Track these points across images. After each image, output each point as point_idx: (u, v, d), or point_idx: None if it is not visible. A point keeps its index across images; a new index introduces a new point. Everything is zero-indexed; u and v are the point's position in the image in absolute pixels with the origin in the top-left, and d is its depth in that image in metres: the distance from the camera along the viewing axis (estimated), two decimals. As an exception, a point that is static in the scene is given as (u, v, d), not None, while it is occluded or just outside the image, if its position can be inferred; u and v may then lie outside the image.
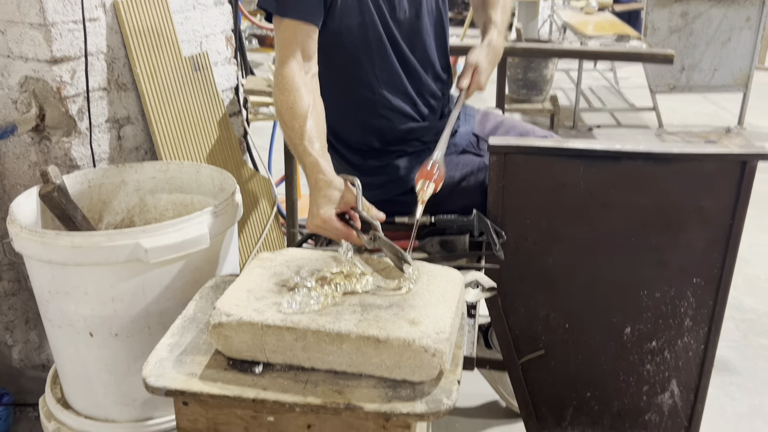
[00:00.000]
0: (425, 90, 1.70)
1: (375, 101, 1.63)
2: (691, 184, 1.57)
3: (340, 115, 1.66)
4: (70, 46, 1.73)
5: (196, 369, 1.04)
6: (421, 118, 1.69)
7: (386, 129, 1.66)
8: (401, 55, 1.63)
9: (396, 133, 1.67)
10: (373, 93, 1.62)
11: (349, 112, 1.66)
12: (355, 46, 1.57)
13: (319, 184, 1.33)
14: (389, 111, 1.64)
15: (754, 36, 4.44)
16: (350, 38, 1.55)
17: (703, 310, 1.68)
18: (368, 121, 1.65)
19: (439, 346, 0.98)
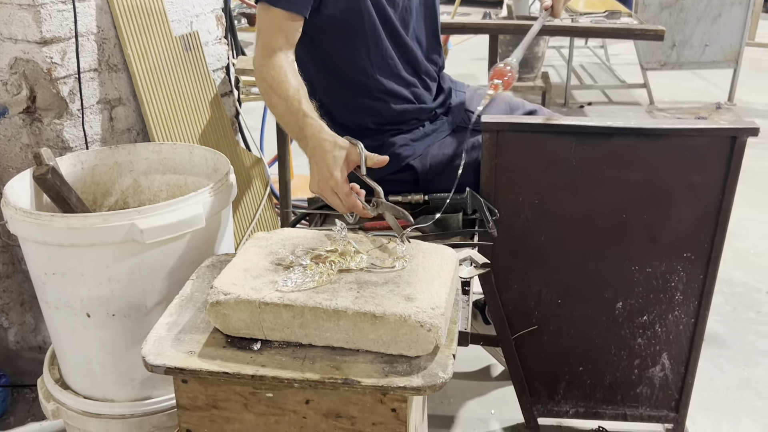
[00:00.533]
0: (420, 70, 1.70)
1: (369, 85, 1.63)
2: (682, 159, 1.59)
3: (335, 97, 1.66)
4: (59, 27, 1.72)
5: (194, 347, 1.05)
6: (416, 99, 1.70)
7: (382, 110, 1.66)
8: (397, 37, 1.63)
9: (391, 114, 1.68)
10: (368, 77, 1.62)
11: (344, 95, 1.66)
12: (350, 32, 1.57)
13: (325, 146, 1.31)
14: (384, 94, 1.65)
15: (744, 12, 4.44)
16: (345, 24, 1.55)
17: (694, 285, 1.71)
18: (364, 103, 1.65)
19: (435, 321, 1.00)
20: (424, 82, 1.72)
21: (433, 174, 1.72)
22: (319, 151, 1.32)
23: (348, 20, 1.55)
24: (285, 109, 1.41)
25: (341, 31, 1.56)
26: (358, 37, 1.58)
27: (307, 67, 1.63)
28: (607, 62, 5.70)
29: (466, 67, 5.70)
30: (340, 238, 1.18)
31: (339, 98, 1.67)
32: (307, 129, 1.36)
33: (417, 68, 1.69)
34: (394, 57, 1.64)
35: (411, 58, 1.67)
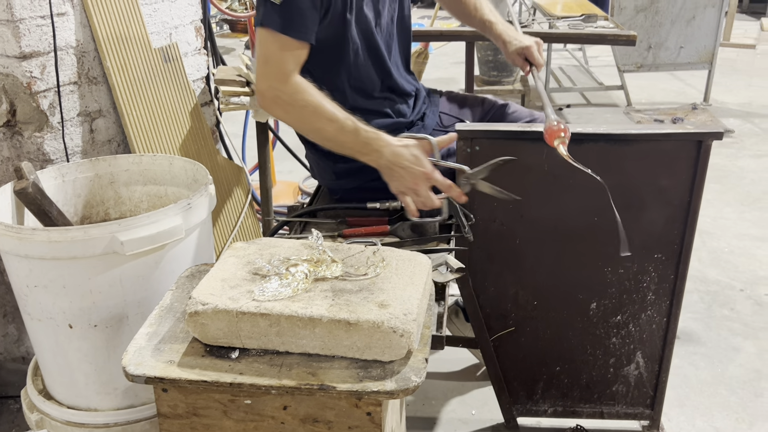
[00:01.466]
0: (398, 89, 1.74)
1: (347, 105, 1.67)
2: (650, 164, 1.63)
3: None
4: (38, 42, 1.74)
5: (174, 356, 1.08)
6: (395, 114, 1.74)
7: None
8: (379, 60, 1.67)
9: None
10: (346, 98, 1.66)
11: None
12: (332, 56, 1.61)
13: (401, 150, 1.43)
14: (362, 112, 1.69)
15: (717, 13, 4.52)
16: (330, 48, 1.59)
17: (665, 285, 1.75)
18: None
19: (407, 326, 1.03)
20: (403, 99, 1.77)
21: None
22: (399, 156, 1.42)
23: (332, 46, 1.59)
24: (338, 130, 1.46)
25: (325, 54, 1.60)
26: (341, 62, 1.62)
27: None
28: (585, 65, 5.77)
29: (447, 71, 5.76)
30: (317, 246, 1.21)
31: None
32: (374, 143, 1.44)
33: (395, 88, 1.74)
34: (375, 79, 1.68)
35: (391, 80, 1.72)
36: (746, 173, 3.67)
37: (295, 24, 1.46)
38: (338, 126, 1.45)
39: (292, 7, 1.44)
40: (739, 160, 3.83)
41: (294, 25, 1.46)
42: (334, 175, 1.76)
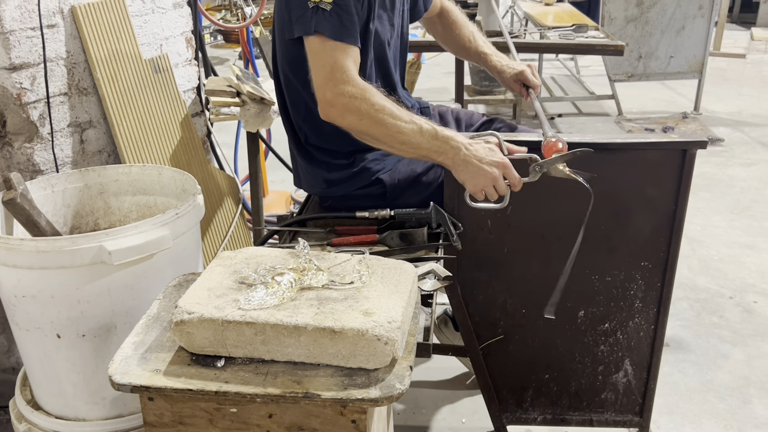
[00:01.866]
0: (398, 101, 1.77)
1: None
2: (636, 172, 1.65)
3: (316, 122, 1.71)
4: (28, 53, 1.75)
5: (160, 365, 1.08)
6: None
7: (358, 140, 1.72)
8: (387, 73, 1.70)
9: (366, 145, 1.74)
10: None
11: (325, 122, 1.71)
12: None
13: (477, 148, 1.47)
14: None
15: (706, 24, 4.57)
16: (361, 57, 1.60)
17: (652, 292, 1.77)
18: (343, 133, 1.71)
19: (391, 334, 1.04)
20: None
21: (400, 189, 1.77)
22: (475, 153, 1.46)
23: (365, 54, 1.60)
24: (418, 131, 1.46)
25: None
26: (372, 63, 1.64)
27: (299, 91, 1.67)
28: (577, 74, 5.81)
29: (440, 80, 5.79)
30: (303, 255, 1.22)
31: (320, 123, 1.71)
32: (452, 141, 1.46)
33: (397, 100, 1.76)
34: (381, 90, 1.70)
35: (395, 94, 1.75)
36: (736, 182, 3.70)
37: (349, 29, 1.46)
38: (417, 127, 1.46)
39: (342, 13, 1.44)
40: (729, 169, 3.86)
41: (348, 30, 1.46)
42: (325, 183, 1.77)
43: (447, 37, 2.02)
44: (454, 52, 2.09)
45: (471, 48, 1.98)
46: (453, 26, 1.99)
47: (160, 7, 2.15)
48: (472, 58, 2.01)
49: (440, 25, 2.02)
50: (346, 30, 1.45)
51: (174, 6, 2.20)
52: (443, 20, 2.01)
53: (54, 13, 1.80)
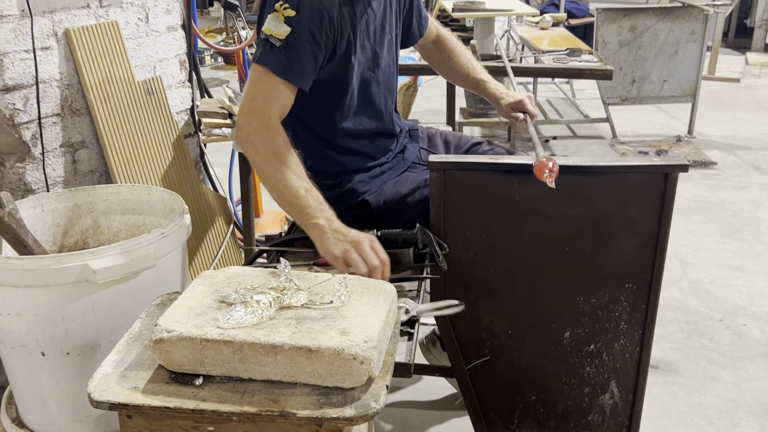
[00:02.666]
0: (386, 130, 1.80)
1: (338, 144, 1.72)
2: (619, 195, 1.66)
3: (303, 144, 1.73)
4: (22, 75, 1.78)
5: (139, 383, 1.09)
6: (380, 154, 1.79)
7: (347, 163, 1.75)
8: (372, 104, 1.72)
9: (355, 165, 1.76)
10: (339, 138, 1.71)
11: (316, 147, 1.74)
12: (330, 98, 1.65)
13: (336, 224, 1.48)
14: (351, 152, 1.74)
15: (699, 48, 4.62)
16: (325, 90, 1.63)
17: (637, 314, 1.77)
18: (331, 156, 1.74)
19: (367, 354, 1.05)
20: (389, 137, 1.82)
21: (386, 210, 1.78)
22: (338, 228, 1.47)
23: (330, 89, 1.63)
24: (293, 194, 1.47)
25: (323, 96, 1.64)
26: (337, 103, 1.66)
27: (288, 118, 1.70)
28: (572, 97, 5.86)
29: (437, 103, 5.83)
30: (284, 275, 1.23)
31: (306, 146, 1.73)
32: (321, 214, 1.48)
33: (384, 129, 1.79)
34: (367, 121, 1.73)
35: (383, 124, 1.77)
36: (728, 204, 3.71)
37: (292, 69, 1.48)
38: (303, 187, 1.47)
39: (291, 52, 1.47)
40: (722, 192, 3.88)
41: (292, 70, 1.48)
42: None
43: (444, 65, 2.05)
44: (451, 80, 2.11)
45: (470, 76, 2.00)
46: (450, 54, 2.02)
47: (153, 30, 2.18)
48: (469, 85, 2.03)
49: (437, 53, 2.04)
50: (290, 69, 1.48)
51: (168, 29, 2.23)
52: (440, 48, 2.03)
53: (48, 35, 1.83)
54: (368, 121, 1.74)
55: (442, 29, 2.04)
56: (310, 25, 1.48)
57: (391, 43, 1.75)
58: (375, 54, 1.69)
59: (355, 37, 1.59)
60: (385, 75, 1.76)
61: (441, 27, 2.05)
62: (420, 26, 1.92)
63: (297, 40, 1.47)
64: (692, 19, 4.57)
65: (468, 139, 2.01)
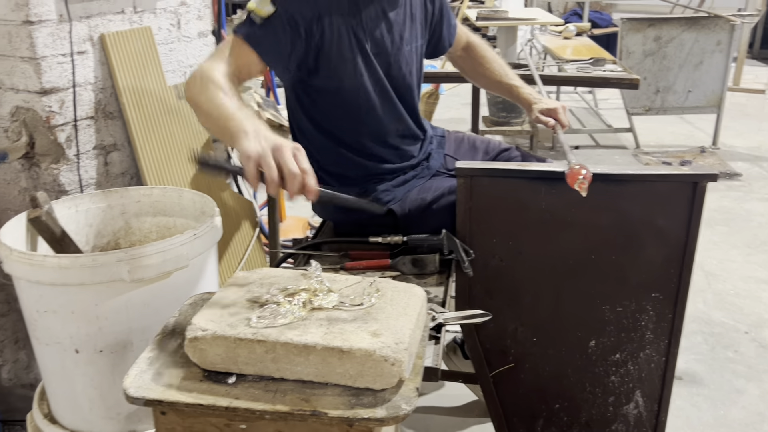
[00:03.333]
0: (409, 135, 1.81)
1: (360, 148, 1.73)
2: (647, 204, 1.66)
3: (326, 150, 1.75)
4: (59, 78, 1.82)
5: (173, 380, 1.11)
6: (402, 159, 1.81)
7: (370, 167, 1.76)
8: (392, 108, 1.74)
9: (378, 170, 1.78)
10: (359, 142, 1.72)
11: (335, 151, 1.75)
12: (347, 104, 1.67)
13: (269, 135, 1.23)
14: (373, 157, 1.75)
15: (725, 59, 4.59)
16: (343, 97, 1.65)
17: (663, 324, 1.77)
18: (353, 159, 1.75)
19: (399, 355, 1.06)
20: (412, 143, 1.83)
21: (412, 218, 1.80)
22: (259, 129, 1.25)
23: (346, 95, 1.65)
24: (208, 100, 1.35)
25: (338, 102, 1.66)
26: (355, 110, 1.68)
27: (302, 120, 1.72)
28: (595, 107, 5.84)
29: (458, 111, 5.84)
30: (315, 277, 1.25)
31: (329, 152, 1.75)
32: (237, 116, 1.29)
33: (407, 133, 1.80)
34: (387, 125, 1.74)
35: (404, 125, 1.78)
36: (753, 216, 3.68)
37: (265, 44, 1.50)
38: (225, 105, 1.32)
39: (269, 30, 1.50)
40: (747, 203, 3.85)
41: (263, 44, 1.50)
42: (336, 211, 1.81)
43: (476, 71, 2.04)
44: (483, 86, 2.11)
45: (502, 82, 1.99)
46: (482, 60, 2.01)
47: (185, 36, 2.22)
48: (502, 91, 2.02)
49: (468, 60, 2.04)
50: (263, 43, 1.50)
51: (199, 35, 2.27)
52: (471, 55, 2.03)
53: (84, 40, 1.87)
54: (388, 125, 1.75)
55: (472, 36, 2.05)
56: (295, 11, 1.51)
57: (411, 53, 1.75)
58: (390, 63, 1.69)
59: (364, 43, 1.61)
60: (403, 83, 1.76)
61: (471, 34, 2.06)
62: (449, 35, 1.93)
63: (278, 21, 1.49)
64: (718, 29, 4.54)
65: (496, 144, 2.02)
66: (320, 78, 1.61)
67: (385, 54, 1.67)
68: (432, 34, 1.87)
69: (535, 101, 1.92)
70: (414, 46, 1.76)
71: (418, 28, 1.76)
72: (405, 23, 1.70)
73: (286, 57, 1.54)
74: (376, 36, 1.64)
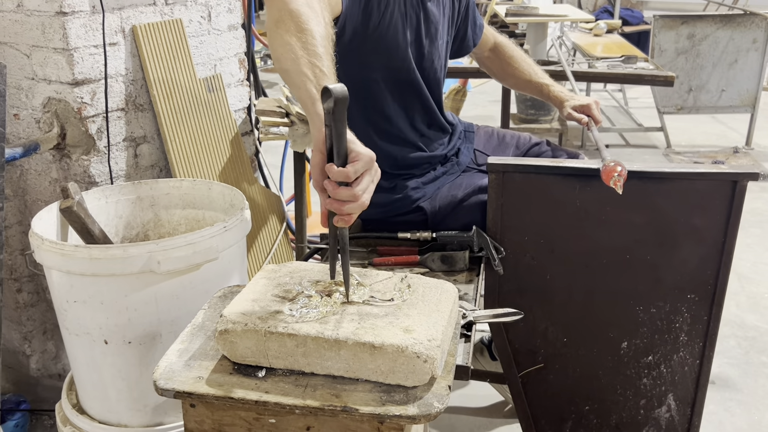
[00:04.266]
0: (435, 124, 1.79)
1: (391, 132, 1.71)
2: (684, 202, 1.62)
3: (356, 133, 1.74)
4: (90, 69, 1.82)
5: (203, 373, 1.10)
6: (429, 149, 1.79)
7: (398, 156, 1.74)
8: (421, 95, 1.72)
9: (406, 160, 1.76)
10: (391, 125, 1.70)
11: (365, 135, 1.73)
12: (384, 83, 1.65)
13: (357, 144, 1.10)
14: (402, 141, 1.73)
15: (760, 57, 4.49)
16: (381, 75, 1.63)
17: (698, 326, 1.72)
18: (382, 146, 1.73)
19: (431, 352, 1.04)
20: (439, 135, 1.81)
21: (442, 215, 1.77)
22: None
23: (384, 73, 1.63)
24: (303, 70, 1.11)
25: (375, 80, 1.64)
26: (389, 89, 1.66)
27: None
28: (625, 106, 5.75)
29: (485, 108, 5.80)
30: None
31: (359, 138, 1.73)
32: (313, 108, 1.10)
33: (434, 123, 1.78)
34: (417, 111, 1.73)
35: (432, 114, 1.76)
36: (789, 218, 3.60)
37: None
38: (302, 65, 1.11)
39: None
40: (782, 205, 3.76)
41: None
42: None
43: (504, 72, 2.03)
44: (512, 86, 2.09)
45: (532, 81, 1.97)
46: (510, 60, 2.00)
47: (215, 29, 2.22)
48: (532, 90, 2.00)
49: (496, 61, 2.02)
50: None
51: (229, 28, 2.27)
52: (499, 55, 2.01)
53: (116, 31, 1.88)
54: (419, 109, 1.73)
55: (499, 36, 2.02)
56: None
57: (440, 49, 1.73)
58: (424, 55, 1.67)
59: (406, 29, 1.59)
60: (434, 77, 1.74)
61: (498, 34, 2.03)
62: (474, 35, 1.90)
63: None
64: (754, 27, 4.44)
65: (527, 139, 1.99)
66: (365, 52, 1.58)
67: (419, 43, 1.65)
68: (456, 32, 1.84)
69: (567, 98, 1.89)
70: (443, 42, 1.75)
71: (446, 24, 1.74)
72: (440, 16, 1.68)
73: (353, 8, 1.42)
74: (413, 23, 1.62)
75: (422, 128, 1.76)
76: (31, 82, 1.86)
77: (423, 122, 1.76)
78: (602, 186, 1.62)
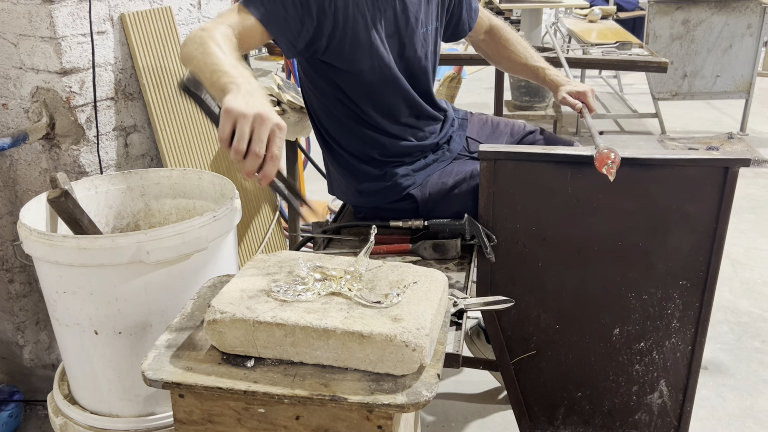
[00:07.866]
0: (423, 116, 1.77)
1: (377, 127, 1.70)
2: (676, 189, 1.62)
3: (343, 127, 1.73)
4: (79, 58, 1.81)
5: (191, 363, 1.10)
6: (419, 140, 1.77)
7: (387, 144, 1.73)
8: (403, 91, 1.70)
9: (396, 148, 1.74)
10: (377, 122, 1.69)
11: (353, 127, 1.72)
12: (363, 85, 1.64)
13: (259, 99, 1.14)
14: (390, 134, 1.72)
15: (755, 43, 4.47)
16: (360, 78, 1.62)
17: (690, 312, 1.73)
18: (371, 136, 1.72)
19: (419, 341, 1.04)
20: (429, 123, 1.80)
21: (432, 202, 1.77)
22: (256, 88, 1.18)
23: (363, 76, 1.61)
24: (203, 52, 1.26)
25: (356, 83, 1.63)
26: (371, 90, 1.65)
27: (320, 94, 1.69)
28: (620, 92, 5.74)
29: (480, 96, 5.78)
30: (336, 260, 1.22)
31: (347, 129, 1.73)
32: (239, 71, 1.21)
33: (422, 115, 1.77)
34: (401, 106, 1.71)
35: (418, 108, 1.75)
36: (782, 204, 3.60)
37: (270, 15, 1.44)
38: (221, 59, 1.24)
39: (277, 3, 1.44)
40: (776, 191, 3.76)
41: (270, 15, 1.43)
42: (357, 194, 1.78)
43: (500, 55, 2.00)
44: (507, 70, 2.06)
45: (528, 64, 1.95)
46: (506, 44, 1.97)
47: (205, 16, 2.20)
48: (528, 74, 1.97)
49: (491, 44, 2.00)
50: (273, 19, 1.44)
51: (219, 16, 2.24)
52: (494, 38, 1.99)
53: (104, 20, 1.86)
54: (399, 107, 1.72)
55: (494, 19, 2.00)
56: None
57: (427, 35, 1.71)
58: (405, 45, 1.65)
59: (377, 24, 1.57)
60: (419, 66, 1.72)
61: (493, 17, 2.01)
62: (470, 19, 1.88)
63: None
64: (749, 12, 4.43)
65: (521, 127, 1.97)
66: (330, 57, 1.57)
67: (399, 36, 1.63)
68: (450, 17, 1.82)
69: (563, 83, 1.88)
70: (430, 29, 1.72)
71: (434, 9, 1.72)
72: (420, 4, 1.66)
73: (293, 34, 1.49)
74: (388, 17, 1.60)
75: (410, 121, 1.75)
76: (18, 71, 1.84)
77: (410, 116, 1.75)
78: (594, 173, 1.61)
